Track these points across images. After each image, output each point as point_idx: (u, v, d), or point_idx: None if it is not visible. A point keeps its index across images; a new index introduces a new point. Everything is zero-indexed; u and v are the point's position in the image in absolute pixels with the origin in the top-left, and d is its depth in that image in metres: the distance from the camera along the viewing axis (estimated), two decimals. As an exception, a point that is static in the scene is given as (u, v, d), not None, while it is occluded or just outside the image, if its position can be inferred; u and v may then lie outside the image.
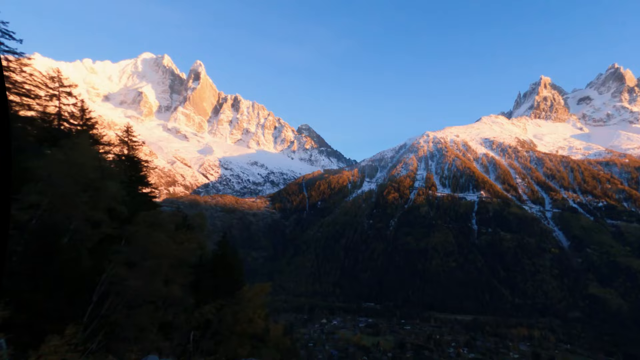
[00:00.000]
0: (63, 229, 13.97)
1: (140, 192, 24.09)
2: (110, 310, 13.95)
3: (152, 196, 26.21)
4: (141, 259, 14.95)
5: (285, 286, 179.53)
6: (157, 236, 15.59)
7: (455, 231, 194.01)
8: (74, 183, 13.75)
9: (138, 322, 14.60)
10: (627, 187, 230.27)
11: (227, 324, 21.95)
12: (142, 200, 22.76)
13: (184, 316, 18.86)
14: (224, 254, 25.57)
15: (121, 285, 14.06)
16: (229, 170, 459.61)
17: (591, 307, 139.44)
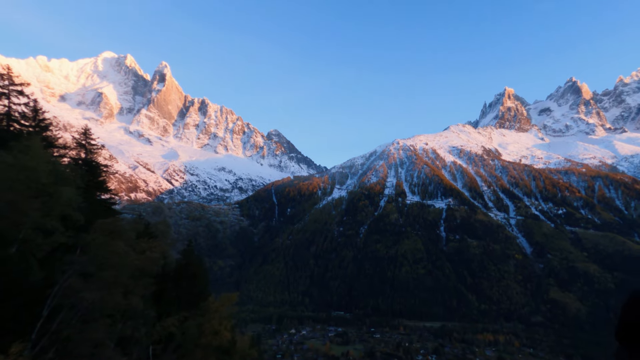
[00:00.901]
0: (11, 238, 13.13)
1: (98, 199, 23.08)
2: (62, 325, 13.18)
3: (111, 203, 25.15)
4: (98, 269, 14.28)
5: (253, 296, 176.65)
6: (116, 245, 14.96)
7: (424, 238, 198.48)
8: (23, 188, 12.99)
9: (93, 337, 13.88)
10: (585, 195, 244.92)
11: (191, 337, 21.29)
12: (100, 207, 21.82)
13: (145, 329, 18.13)
14: (188, 263, 24.87)
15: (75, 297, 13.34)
16: (195, 175, 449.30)
17: (552, 311, 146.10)
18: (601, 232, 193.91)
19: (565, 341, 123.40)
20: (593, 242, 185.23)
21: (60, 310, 13.27)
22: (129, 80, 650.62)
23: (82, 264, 13.98)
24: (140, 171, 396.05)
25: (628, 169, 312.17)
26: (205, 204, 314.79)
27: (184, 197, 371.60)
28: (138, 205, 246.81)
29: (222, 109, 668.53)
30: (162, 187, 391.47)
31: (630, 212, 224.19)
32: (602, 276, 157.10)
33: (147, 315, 18.07)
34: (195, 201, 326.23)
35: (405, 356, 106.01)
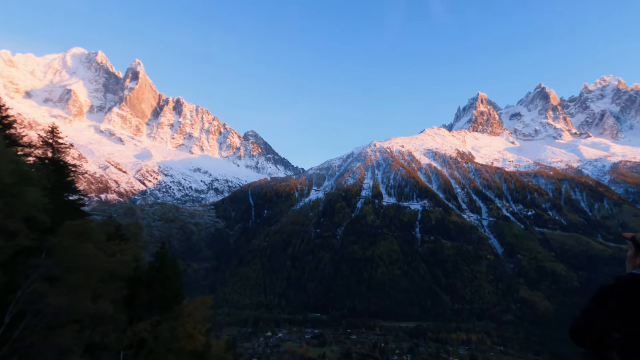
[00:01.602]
0: (-31, 241, 12.43)
1: (66, 200, 22.19)
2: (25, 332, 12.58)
3: (80, 204, 24.23)
4: (65, 273, 13.72)
5: (229, 299, 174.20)
6: (85, 247, 14.42)
7: (400, 239, 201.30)
8: (-16, 188, 12.34)
9: (59, 344, 13.32)
10: (552, 197, 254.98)
11: (164, 342, 20.77)
12: (68, 208, 20.99)
13: (115, 335, 17.55)
14: (161, 266, 24.27)
15: (40, 303, 12.76)
16: (169, 176, 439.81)
17: (522, 309, 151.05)
18: (567, 233, 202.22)
19: (534, 338, 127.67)
20: (560, 242, 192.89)
21: (24, 316, 12.67)
22: (99, 77, 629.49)
23: (48, 267, 13.39)
24: (112, 171, 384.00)
25: (592, 172, 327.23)
26: (179, 205, 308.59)
27: (157, 199, 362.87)
28: (109, 207, 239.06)
29: (198, 108, 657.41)
30: (134, 188, 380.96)
31: (594, 213, 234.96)
32: (568, 275, 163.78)
33: (118, 320, 17.50)
34: (169, 202, 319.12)
35: (381, 356, 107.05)
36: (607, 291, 3.21)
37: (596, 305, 3.19)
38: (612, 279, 3.31)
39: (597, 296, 3.23)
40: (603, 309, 3.12)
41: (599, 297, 3.21)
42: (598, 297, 3.22)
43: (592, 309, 3.18)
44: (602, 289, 3.25)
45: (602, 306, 3.15)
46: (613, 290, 3.19)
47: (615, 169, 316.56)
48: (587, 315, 3.20)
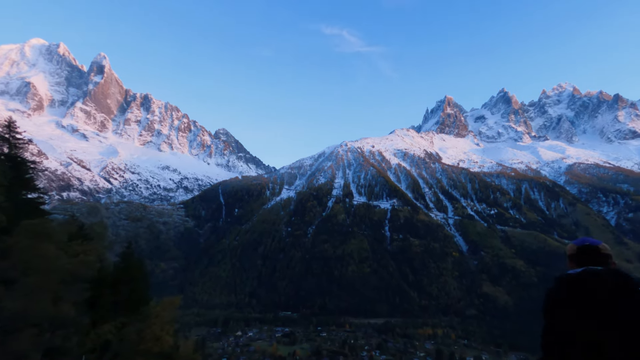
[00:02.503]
0: None
1: (24, 198, 21.03)
2: (-22, 338, 11.85)
3: (39, 202, 23.03)
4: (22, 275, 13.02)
5: (198, 298, 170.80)
6: (44, 248, 13.74)
7: (369, 238, 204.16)
8: None
9: (16, 350, 12.63)
10: (513, 197, 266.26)
11: (130, 344, 20.11)
12: (26, 206, 19.91)
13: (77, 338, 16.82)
14: (127, 267, 23.47)
15: (-6, 306, 12.06)
16: (136, 174, 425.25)
17: (484, 304, 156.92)
18: (527, 231, 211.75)
19: (495, 331, 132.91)
20: (520, 239, 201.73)
21: (-24, 321, 11.93)
22: (62, 70, 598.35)
23: (4, 269, 12.67)
24: (74, 168, 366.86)
25: (549, 173, 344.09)
26: (147, 204, 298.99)
27: (123, 197, 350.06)
28: (71, 206, 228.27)
29: (167, 105, 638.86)
30: (99, 186, 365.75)
31: (550, 212, 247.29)
32: (527, 270, 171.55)
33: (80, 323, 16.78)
34: (136, 201, 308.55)
35: (351, 353, 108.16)
36: (547, 294, 3.61)
37: (545, 308, 3.54)
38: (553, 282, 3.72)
39: (545, 300, 3.60)
40: (550, 310, 3.48)
41: (545, 301, 3.58)
42: (545, 301, 3.58)
43: (545, 313, 3.51)
44: (546, 294, 3.64)
45: (548, 308, 3.51)
46: (552, 290, 3.60)
47: (570, 171, 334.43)
48: (545, 321, 3.50)
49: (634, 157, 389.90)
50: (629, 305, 3.02)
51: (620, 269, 3.40)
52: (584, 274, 3.43)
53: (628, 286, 3.14)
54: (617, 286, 3.17)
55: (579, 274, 3.47)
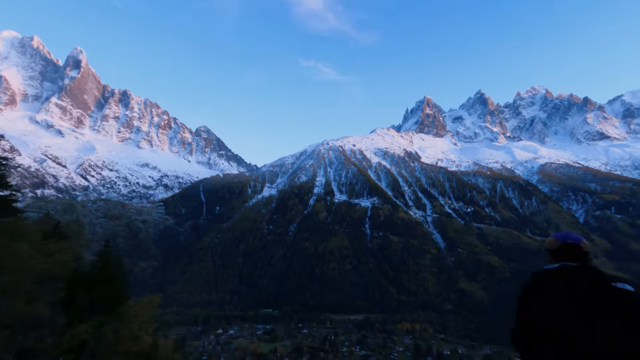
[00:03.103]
0: None
1: (-5, 195, 20.19)
2: (-54, 340, 11.35)
3: (12, 200, 22.15)
4: (-6, 275, 12.55)
5: (178, 297, 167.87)
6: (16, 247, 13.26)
7: (350, 235, 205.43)
8: None
9: (-13, 352, 12.17)
10: (489, 195, 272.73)
11: (108, 344, 19.63)
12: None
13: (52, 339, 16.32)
14: (105, 265, 22.87)
15: (-36, 308, 11.57)
16: (114, 171, 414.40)
17: (461, 299, 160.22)
18: (501, 228, 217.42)
19: (471, 325, 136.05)
20: (495, 236, 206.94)
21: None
22: (36, 64, 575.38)
23: (-26, 269, 12.17)
24: (49, 165, 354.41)
25: (523, 172, 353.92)
26: (125, 201, 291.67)
27: (101, 195, 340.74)
28: (46, 203, 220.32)
29: (147, 101, 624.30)
30: (75, 183, 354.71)
31: (524, 210, 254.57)
32: (502, 266, 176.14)
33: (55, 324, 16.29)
34: (114, 199, 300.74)
35: (331, 349, 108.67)
36: (524, 288, 3.61)
37: (520, 301, 3.58)
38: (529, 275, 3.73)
39: (520, 294, 3.61)
40: (525, 304, 3.52)
41: (521, 295, 3.59)
42: (521, 294, 3.60)
43: (520, 306, 3.55)
44: (523, 287, 3.64)
45: (523, 302, 3.54)
46: (528, 284, 3.60)
47: (542, 170, 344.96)
48: (517, 316, 3.55)
49: (601, 157, 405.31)
50: (603, 299, 3.02)
51: (595, 266, 3.48)
52: (563, 269, 3.46)
53: (602, 281, 3.17)
54: (592, 281, 3.20)
55: (557, 269, 3.49)
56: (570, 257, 3.64)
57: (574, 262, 3.56)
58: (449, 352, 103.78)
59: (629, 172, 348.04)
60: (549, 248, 3.95)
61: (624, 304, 2.92)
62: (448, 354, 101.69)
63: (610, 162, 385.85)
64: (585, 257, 3.70)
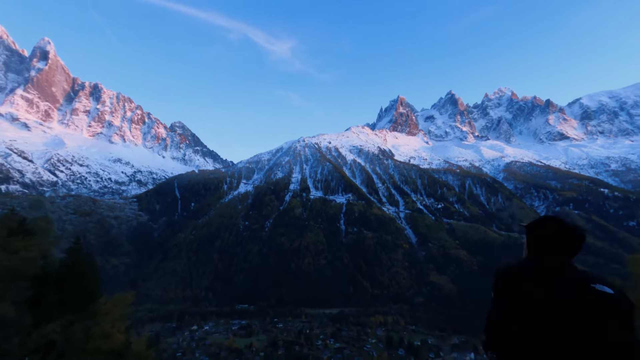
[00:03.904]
0: None
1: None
2: None
3: (-27, 196, 20.92)
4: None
5: (152, 294, 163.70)
6: (-20, 245, 12.58)
7: (325, 231, 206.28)
8: None
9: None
10: (458, 192, 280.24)
11: (77, 343, 18.92)
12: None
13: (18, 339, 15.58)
14: (74, 263, 21.96)
15: None
16: (85, 167, 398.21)
17: (431, 292, 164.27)
18: (469, 223, 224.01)
19: (440, 317, 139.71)
20: (463, 231, 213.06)
21: None
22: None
23: None
24: (14, 160, 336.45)
25: (490, 170, 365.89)
26: (97, 197, 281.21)
27: (70, 191, 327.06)
28: (11, 199, 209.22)
29: (119, 95, 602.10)
30: (43, 178, 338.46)
31: (490, 206, 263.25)
32: (469, 260, 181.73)
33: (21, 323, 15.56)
34: (85, 195, 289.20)
35: (306, 342, 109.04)
36: (496, 276, 3.37)
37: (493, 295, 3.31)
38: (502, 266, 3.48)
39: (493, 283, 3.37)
40: (500, 302, 3.24)
41: (494, 283, 3.35)
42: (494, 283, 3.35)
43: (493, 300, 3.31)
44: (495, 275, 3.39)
45: (498, 300, 3.26)
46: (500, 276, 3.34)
47: (507, 168, 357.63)
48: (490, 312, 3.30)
49: (561, 156, 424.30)
50: (580, 301, 2.81)
51: (575, 265, 3.25)
52: (543, 267, 3.19)
53: (582, 282, 2.95)
54: (572, 282, 3.00)
55: (537, 267, 3.23)
56: (560, 249, 3.29)
57: (560, 255, 3.25)
58: (420, 343, 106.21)
59: (585, 170, 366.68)
60: (543, 234, 3.38)
61: (600, 307, 2.75)
62: (418, 345, 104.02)
63: (569, 161, 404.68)
64: (575, 251, 3.34)
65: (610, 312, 2.71)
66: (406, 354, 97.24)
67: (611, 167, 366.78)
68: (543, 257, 3.26)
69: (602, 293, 2.78)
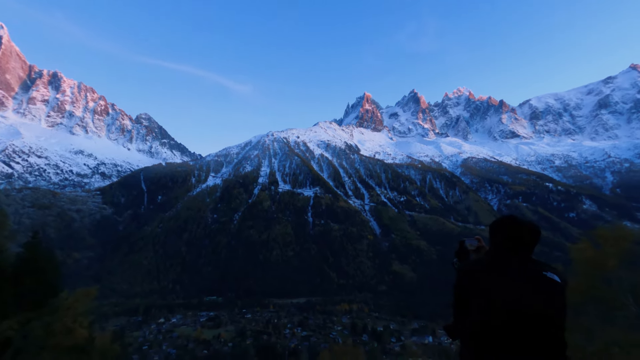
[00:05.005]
0: None
1: None
2: None
3: None
4: None
5: (117, 288, 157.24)
6: None
7: (293, 223, 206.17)
8: None
9: None
10: (419, 185, 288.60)
11: (36, 339, 17.88)
12: None
13: (-30, 338, 14.48)
14: (33, 257, 20.65)
15: None
16: (43, 158, 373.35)
17: (393, 281, 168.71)
18: (429, 215, 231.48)
19: (402, 304, 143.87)
20: (423, 223, 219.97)
21: None
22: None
23: None
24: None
25: (449, 165, 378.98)
26: (57, 190, 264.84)
27: (28, 183, 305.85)
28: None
29: (81, 85, 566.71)
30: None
31: (449, 199, 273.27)
32: (429, 250, 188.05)
33: (-26, 321, 14.48)
34: (43, 187, 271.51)
35: (274, 331, 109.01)
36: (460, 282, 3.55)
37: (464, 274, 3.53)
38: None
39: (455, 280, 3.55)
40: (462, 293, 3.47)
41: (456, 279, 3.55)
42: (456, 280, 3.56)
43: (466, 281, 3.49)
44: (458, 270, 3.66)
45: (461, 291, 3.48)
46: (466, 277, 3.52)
47: (464, 164, 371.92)
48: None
49: (512, 153, 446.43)
50: (532, 284, 3.13)
51: (533, 258, 3.51)
52: (505, 262, 3.40)
53: (536, 271, 3.27)
54: (526, 270, 3.28)
55: (498, 261, 3.44)
56: (520, 245, 3.49)
57: (521, 250, 3.45)
58: (382, 329, 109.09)
59: (533, 166, 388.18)
60: (511, 235, 3.54)
61: (550, 292, 3.10)
62: (381, 330, 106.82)
63: (519, 157, 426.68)
64: (533, 245, 3.56)
65: (557, 295, 3.13)
66: (370, 339, 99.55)
67: (555, 164, 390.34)
68: (506, 253, 3.44)
69: (552, 280, 3.18)
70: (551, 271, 3.25)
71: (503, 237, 3.54)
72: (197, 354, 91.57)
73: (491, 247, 3.68)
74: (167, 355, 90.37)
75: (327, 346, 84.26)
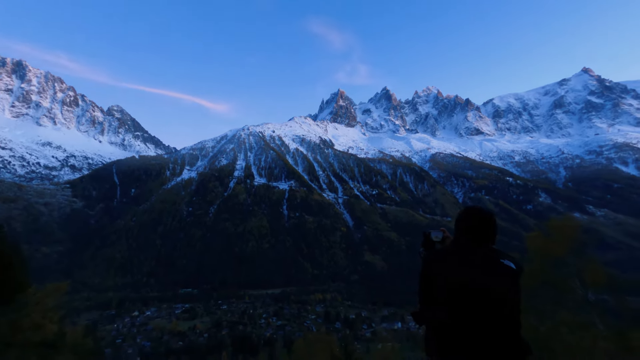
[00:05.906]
0: None
1: None
2: None
3: None
4: None
5: (89, 282, 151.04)
6: None
7: (269, 216, 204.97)
8: None
9: None
10: (390, 179, 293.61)
11: (2, 337, 16.97)
12: None
13: None
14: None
15: None
16: (8, 150, 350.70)
17: (365, 270, 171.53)
18: (399, 208, 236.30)
19: (373, 292, 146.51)
20: (394, 215, 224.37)
21: None
22: None
23: None
24: None
25: (418, 160, 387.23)
26: (23, 183, 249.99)
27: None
28: None
29: (48, 75, 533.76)
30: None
31: (418, 192, 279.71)
32: (399, 240, 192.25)
33: None
34: (8, 180, 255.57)
35: (250, 321, 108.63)
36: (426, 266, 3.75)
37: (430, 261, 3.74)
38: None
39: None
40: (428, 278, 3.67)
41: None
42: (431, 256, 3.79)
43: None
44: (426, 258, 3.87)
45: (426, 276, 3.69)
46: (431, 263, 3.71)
47: (433, 159, 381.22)
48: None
49: (476, 149, 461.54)
50: (490, 268, 3.35)
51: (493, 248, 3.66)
52: (466, 249, 3.56)
53: (495, 258, 3.42)
54: (486, 257, 3.44)
55: (459, 249, 3.60)
56: (482, 234, 3.63)
57: (483, 238, 3.60)
58: (354, 316, 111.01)
59: (495, 162, 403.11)
60: (471, 224, 3.71)
61: (506, 278, 3.27)
62: (353, 318, 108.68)
63: (482, 153, 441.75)
64: (494, 234, 3.72)
65: (511, 279, 3.31)
66: (342, 327, 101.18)
67: (515, 159, 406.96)
68: (467, 242, 3.60)
69: (507, 266, 3.36)
70: (508, 259, 3.41)
71: (464, 227, 3.67)
72: (172, 345, 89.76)
73: (455, 236, 3.83)
74: (141, 348, 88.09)
75: (302, 335, 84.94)
